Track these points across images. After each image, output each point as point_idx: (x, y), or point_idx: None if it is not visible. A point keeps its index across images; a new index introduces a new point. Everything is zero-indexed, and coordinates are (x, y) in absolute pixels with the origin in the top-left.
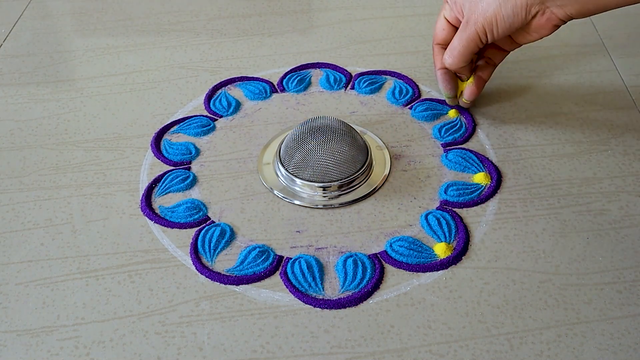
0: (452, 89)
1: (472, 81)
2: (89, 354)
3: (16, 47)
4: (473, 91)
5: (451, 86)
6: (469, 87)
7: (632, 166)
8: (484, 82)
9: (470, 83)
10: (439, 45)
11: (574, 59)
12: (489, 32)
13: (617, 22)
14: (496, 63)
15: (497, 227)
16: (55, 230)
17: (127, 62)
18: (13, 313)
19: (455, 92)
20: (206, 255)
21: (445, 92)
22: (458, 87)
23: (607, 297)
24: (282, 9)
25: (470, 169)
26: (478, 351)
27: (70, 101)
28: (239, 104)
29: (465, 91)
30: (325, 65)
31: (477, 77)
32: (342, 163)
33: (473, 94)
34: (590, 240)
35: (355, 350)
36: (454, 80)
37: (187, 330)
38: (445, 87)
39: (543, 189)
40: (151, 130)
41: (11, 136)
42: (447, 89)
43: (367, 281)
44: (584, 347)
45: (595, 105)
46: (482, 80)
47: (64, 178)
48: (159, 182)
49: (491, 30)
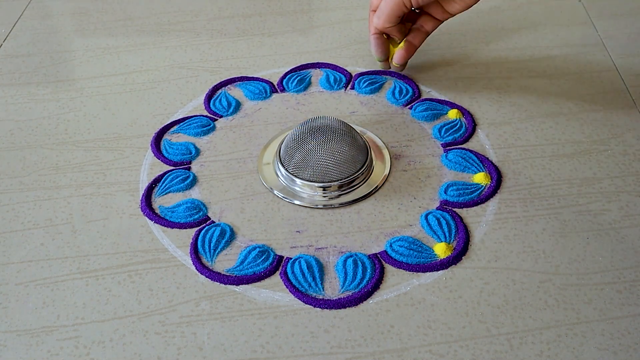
0: (383, 53)
1: (402, 46)
2: (89, 354)
3: (16, 47)
4: (402, 55)
5: (382, 50)
6: (399, 51)
7: (632, 166)
8: (414, 48)
9: (400, 48)
10: (373, 12)
11: (574, 59)
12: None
13: (617, 22)
14: (428, 31)
15: (497, 227)
16: (55, 230)
17: (127, 62)
18: (13, 313)
19: (385, 56)
20: (206, 255)
21: (376, 55)
22: (389, 52)
23: (607, 297)
24: (282, 9)
25: (470, 169)
26: (478, 351)
27: (70, 101)
28: (239, 104)
29: (396, 55)
30: (325, 65)
31: (408, 43)
32: (342, 163)
33: (402, 58)
34: (590, 240)
35: (355, 350)
36: (385, 45)
37: (187, 330)
38: (376, 51)
39: (543, 189)
40: (151, 130)
41: (11, 136)
42: (378, 52)
43: (367, 281)
44: (584, 347)
45: (595, 105)
46: (412, 45)
47: (64, 178)
48: (159, 182)
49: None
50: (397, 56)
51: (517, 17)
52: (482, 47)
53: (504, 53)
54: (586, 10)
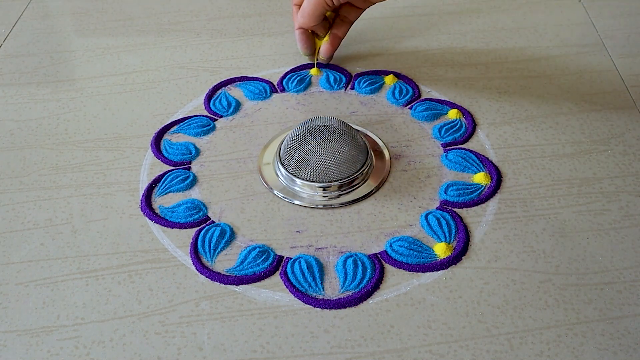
0: (309, 48)
1: (327, 39)
2: (89, 354)
3: (16, 47)
4: (328, 48)
5: (307, 45)
6: (325, 44)
7: (632, 166)
8: (339, 40)
9: (326, 41)
10: (296, 5)
11: (574, 59)
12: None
13: (617, 22)
14: (351, 20)
15: (497, 227)
16: (55, 230)
17: (127, 62)
18: (13, 313)
19: (312, 50)
20: (206, 255)
21: (302, 50)
22: (315, 45)
23: (607, 297)
24: (282, 9)
25: (470, 169)
26: (478, 351)
27: (70, 101)
28: (239, 104)
29: (322, 49)
30: (325, 65)
31: (333, 35)
32: (342, 163)
33: (328, 52)
34: (590, 240)
35: (355, 350)
36: (311, 39)
37: (187, 330)
38: (301, 46)
39: (543, 189)
40: (151, 130)
41: (11, 136)
42: (304, 47)
43: (367, 281)
44: (584, 347)
45: (595, 105)
46: (337, 37)
47: (64, 178)
48: (159, 182)
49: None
50: (323, 50)
51: (517, 17)
52: (482, 47)
53: (504, 53)
54: (586, 10)
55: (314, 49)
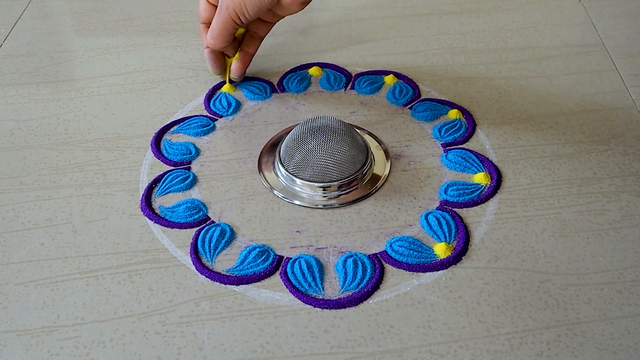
0: (219, 67)
1: (237, 57)
2: (89, 354)
3: (16, 47)
4: (239, 67)
5: (217, 64)
6: (235, 63)
7: (632, 166)
8: (250, 57)
9: (236, 59)
10: (203, 24)
11: (574, 59)
12: (241, 15)
13: (617, 22)
14: (262, 35)
15: (497, 227)
16: (55, 230)
17: (127, 62)
18: (13, 313)
19: (222, 69)
20: (206, 255)
21: (212, 70)
22: (225, 64)
23: (607, 297)
24: None
25: (470, 169)
26: (478, 351)
27: (70, 101)
28: (239, 104)
29: (232, 67)
30: (325, 65)
31: (243, 53)
32: (342, 163)
33: (239, 70)
34: (590, 240)
35: (355, 350)
36: (220, 59)
37: (187, 330)
38: (211, 66)
39: (543, 189)
40: (151, 130)
41: (11, 136)
42: (214, 67)
43: (367, 281)
44: (584, 347)
45: (595, 105)
46: (248, 54)
47: (64, 178)
48: (159, 182)
49: (242, 14)
50: (234, 69)
51: (517, 17)
52: (482, 47)
53: (504, 53)
54: (586, 10)
55: (224, 67)
